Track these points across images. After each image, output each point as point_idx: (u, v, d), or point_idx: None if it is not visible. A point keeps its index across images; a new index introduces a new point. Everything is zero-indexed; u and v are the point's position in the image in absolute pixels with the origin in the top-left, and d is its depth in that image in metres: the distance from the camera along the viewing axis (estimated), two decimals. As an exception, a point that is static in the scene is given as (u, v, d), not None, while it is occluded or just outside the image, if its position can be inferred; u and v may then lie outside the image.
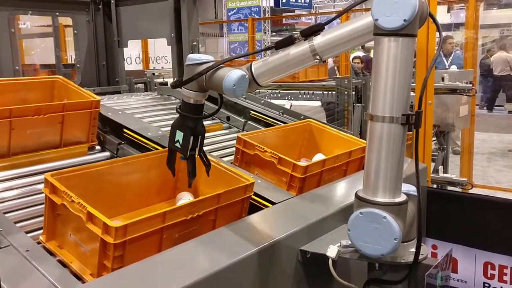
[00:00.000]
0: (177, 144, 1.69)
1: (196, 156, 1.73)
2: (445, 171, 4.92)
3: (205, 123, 3.09)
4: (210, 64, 1.60)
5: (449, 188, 4.11)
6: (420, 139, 2.85)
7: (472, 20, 6.24)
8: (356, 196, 1.50)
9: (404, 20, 1.33)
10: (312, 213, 1.88)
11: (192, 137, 1.67)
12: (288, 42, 1.60)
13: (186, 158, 1.70)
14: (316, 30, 1.56)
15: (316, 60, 1.56)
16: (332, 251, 1.58)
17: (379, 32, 1.38)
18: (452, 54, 7.66)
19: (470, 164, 6.06)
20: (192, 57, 1.64)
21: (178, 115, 1.70)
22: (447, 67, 7.04)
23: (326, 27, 1.57)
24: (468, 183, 4.24)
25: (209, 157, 2.04)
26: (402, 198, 1.46)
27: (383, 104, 1.41)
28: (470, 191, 4.15)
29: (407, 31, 1.35)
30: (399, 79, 1.39)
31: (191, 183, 1.79)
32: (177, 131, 1.69)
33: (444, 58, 7.51)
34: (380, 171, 1.44)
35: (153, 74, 7.36)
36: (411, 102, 4.67)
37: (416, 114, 1.40)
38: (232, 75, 1.55)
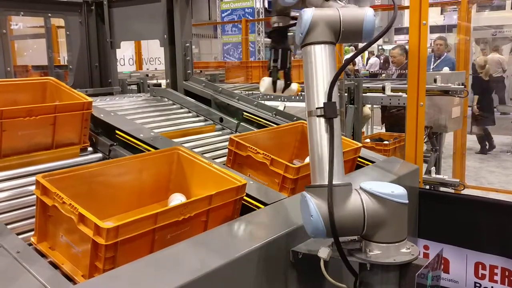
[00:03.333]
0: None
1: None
2: (438, 172, 4.94)
3: (197, 124, 3.12)
4: None
5: (442, 189, 4.12)
6: (412, 140, 2.87)
7: (464, 22, 6.29)
8: None
9: (301, 34, 1.63)
10: (304, 214, 1.88)
11: (273, 50, 2.07)
12: None
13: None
14: None
15: None
16: (323, 252, 1.59)
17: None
18: (444, 56, 7.66)
19: (462, 165, 6.10)
20: None
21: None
22: (431, 68, 7.04)
23: None
24: (460, 184, 4.25)
25: (201, 158, 2.05)
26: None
27: (306, 101, 1.63)
28: (462, 192, 4.17)
29: (310, 40, 1.62)
30: (309, 80, 1.62)
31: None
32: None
33: (432, 59, 7.49)
34: (312, 160, 1.59)
35: (147, 75, 7.35)
36: (403, 103, 4.65)
37: (325, 105, 1.57)
38: None
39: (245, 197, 1.93)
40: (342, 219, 1.49)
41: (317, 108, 1.58)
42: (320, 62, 1.62)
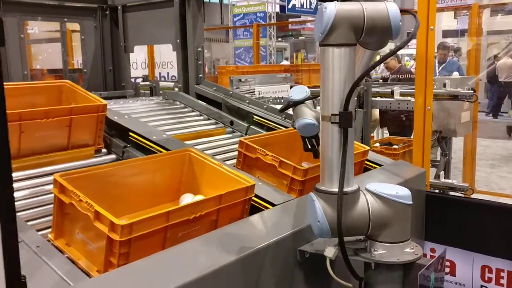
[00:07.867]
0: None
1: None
2: (447, 177, 4.94)
3: (208, 127, 3.18)
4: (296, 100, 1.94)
5: (451, 193, 4.12)
6: (419, 144, 2.90)
7: (475, 27, 6.28)
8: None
9: (320, 33, 1.48)
10: (311, 215, 1.93)
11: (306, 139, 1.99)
12: None
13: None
14: None
15: None
16: (329, 251, 1.63)
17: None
18: (447, 61, 7.63)
19: (472, 170, 6.08)
20: (290, 93, 1.99)
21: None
22: (437, 74, 7.03)
23: None
24: (470, 189, 4.26)
25: (212, 160, 2.11)
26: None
27: (321, 104, 1.58)
28: (471, 197, 4.17)
29: (330, 41, 1.49)
30: (326, 84, 1.54)
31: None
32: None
33: (436, 65, 7.47)
34: (324, 164, 1.60)
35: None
36: (411, 107, 4.63)
37: (340, 114, 1.51)
38: (298, 123, 1.88)
39: (254, 198, 1.98)
40: (348, 220, 1.54)
41: (332, 115, 1.52)
42: (339, 67, 1.50)
